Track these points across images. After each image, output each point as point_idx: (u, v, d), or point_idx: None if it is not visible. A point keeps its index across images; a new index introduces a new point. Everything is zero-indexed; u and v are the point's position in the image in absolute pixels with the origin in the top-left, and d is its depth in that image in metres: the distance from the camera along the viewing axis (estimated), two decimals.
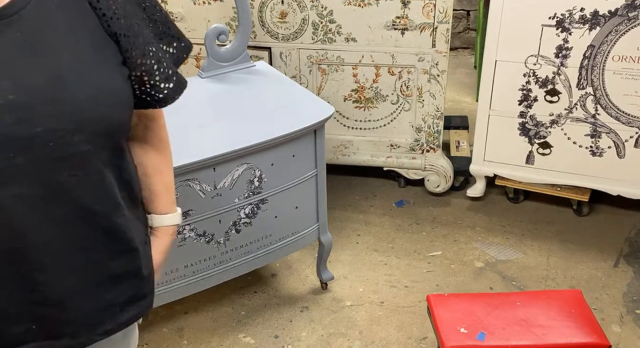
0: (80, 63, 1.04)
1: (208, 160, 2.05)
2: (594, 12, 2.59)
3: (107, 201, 1.11)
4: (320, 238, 2.49)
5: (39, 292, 1.08)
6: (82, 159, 1.05)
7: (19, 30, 0.99)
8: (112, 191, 1.12)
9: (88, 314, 1.14)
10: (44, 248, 1.05)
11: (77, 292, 1.12)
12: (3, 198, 1.00)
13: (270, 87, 2.47)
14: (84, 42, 1.05)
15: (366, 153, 3.12)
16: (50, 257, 1.06)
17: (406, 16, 2.79)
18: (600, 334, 1.89)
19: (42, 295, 1.08)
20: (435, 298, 2.04)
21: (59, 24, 1.03)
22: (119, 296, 1.18)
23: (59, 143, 1.01)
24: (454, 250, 2.85)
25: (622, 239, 2.89)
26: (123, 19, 1.10)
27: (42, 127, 0.99)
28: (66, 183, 1.04)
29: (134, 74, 1.14)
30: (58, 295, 1.10)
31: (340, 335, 2.42)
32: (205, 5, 2.90)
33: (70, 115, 1.01)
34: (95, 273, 1.13)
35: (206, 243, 2.19)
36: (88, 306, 1.14)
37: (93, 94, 1.03)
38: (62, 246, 1.07)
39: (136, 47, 1.12)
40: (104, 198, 1.10)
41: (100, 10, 1.07)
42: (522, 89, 2.82)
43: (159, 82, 1.19)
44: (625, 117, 2.73)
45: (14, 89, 0.97)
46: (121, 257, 1.16)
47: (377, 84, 2.96)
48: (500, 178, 3.06)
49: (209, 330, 2.45)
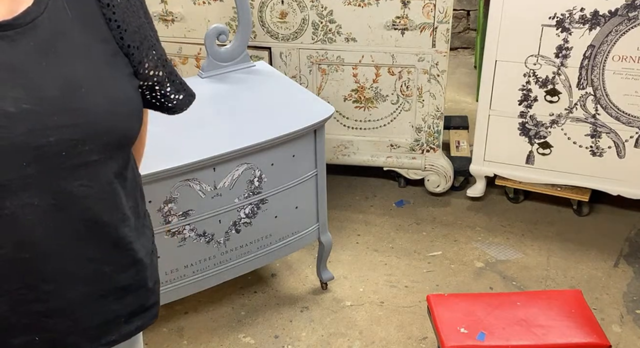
0: (94, 74, 1.04)
1: (208, 160, 2.05)
2: (594, 12, 2.59)
3: (115, 212, 1.11)
4: (320, 238, 2.49)
5: (44, 302, 1.07)
6: (93, 169, 1.05)
7: (33, 40, 0.99)
8: (120, 202, 1.12)
9: (92, 326, 1.14)
10: (52, 258, 1.05)
11: (83, 303, 1.11)
12: (13, 208, 0.99)
13: (270, 87, 2.47)
14: (98, 53, 1.05)
15: (366, 153, 3.12)
16: (57, 268, 1.06)
17: (406, 16, 2.79)
18: (600, 334, 1.89)
19: (47, 306, 1.07)
20: (435, 298, 2.04)
21: (74, 33, 1.03)
22: (124, 308, 1.17)
23: (71, 153, 1.01)
24: (454, 250, 2.85)
25: (622, 239, 2.89)
26: (137, 30, 1.10)
27: (54, 137, 0.99)
28: (77, 194, 1.04)
29: (145, 84, 1.15)
30: (63, 306, 1.09)
31: (340, 335, 2.42)
32: (205, 5, 2.90)
33: (84, 126, 1.01)
34: (102, 285, 1.13)
35: (206, 243, 2.19)
36: (93, 318, 1.13)
37: (107, 105, 1.03)
38: (70, 257, 1.07)
39: (149, 60, 1.13)
40: (112, 209, 1.10)
41: (115, 22, 1.07)
42: (522, 89, 2.82)
43: (169, 93, 1.21)
44: (626, 117, 2.73)
45: (28, 99, 0.97)
46: (128, 270, 1.16)
47: (377, 84, 2.96)
48: (500, 178, 3.06)
49: (209, 330, 2.45)
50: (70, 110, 1.00)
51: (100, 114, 1.02)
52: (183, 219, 2.10)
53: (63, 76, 1.00)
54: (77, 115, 1.00)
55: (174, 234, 2.11)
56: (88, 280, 1.10)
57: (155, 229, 2.04)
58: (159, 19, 2.96)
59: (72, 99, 1.00)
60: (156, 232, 2.06)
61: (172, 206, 2.06)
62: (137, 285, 1.18)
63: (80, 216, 1.06)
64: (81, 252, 1.08)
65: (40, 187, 1.00)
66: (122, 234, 1.13)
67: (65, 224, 1.04)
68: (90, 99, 1.01)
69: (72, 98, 1.00)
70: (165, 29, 2.97)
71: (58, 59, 1.01)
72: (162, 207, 2.04)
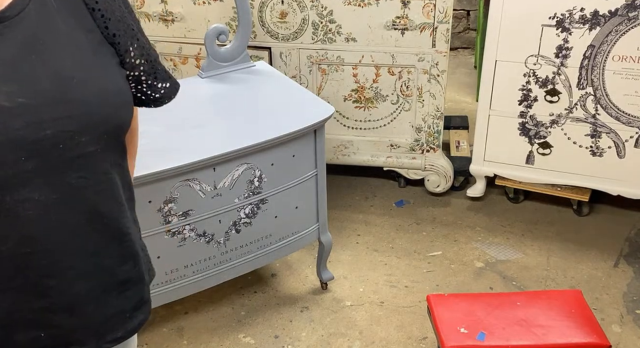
0: (84, 65, 1.04)
1: (208, 160, 2.05)
2: (594, 12, 2.59)
3: (114, 203, 1.11)
4: (320, 238, 2.49)
5: (48, 298, 1.07)
6: (90, 160, 1.05)
7: (21, 33, 0.99)
8: (118, 192, 1.12)
9: (98, 321, 1.14)
10: (54, 253, 1.05)
11: (87, 298, 1.11)
12: (13, 203, 0.99)
13: (270, 87, 2.47)
14: (85, 43, 1.05)
15: (366, 153, 3.12)
16: (60, 262, 1.06)
17: (406, 16, 2.79)
18: (600, 334, 1.89)
19: (51, 302, 1.07)
20: (435, 298, 2.04)
21: (59, 24, 1.03)
22: (127, 302, 1.17)
23: (68, 145, 1.01)
24: (454, 250, 2.85)
25: (622, 239, 2.89)
26: (120, 20, 1.10)
27: (51, 129, 0.99)
28: (76, 186, 1.04)
29: (131, 74, 1.14)
30: (67, 301, 1.09)
31: (340, 335, 2.42)
32: (205, 5, 2.90)
33: (78, 117, 1.01)
34: (104, 278, 1.13)
35: (206, 243, 2.19)
36: (98, 313, 1.13)
37: (100, 95, 1.03)
38: (72, 251, 1.07)
39: (134, 48, 1.13)
40: (111, 200, 1.10)
41: (99, 12, 1.07)
42: (522, 89, 2.82)
43: (156, 82, 1.20)
44: (626, 117, 2.73)
45: (22, 92, 0.97)
46: (127, 262, 1.16)
47: (377, 84, 2.96)
48: (500, 178, 3.06)
49: (209, 330, 2.45)
50: (64, 102, 1.00)
51: (93, 104, 1.02)
52: (183, 219, 2.10)
53: (54, 68, 1.00)
54: (71, 107, 1.00)
55: (174, 234, 2.11)
56: (90, 274, 1.10)
57: (155, 229, 2.06)
58: (159, 19, 2.96)
59: (65, 91, 1.00)
60: (156, 232, 2.07)
61: (172, 206, 2.06)
62: (136, 278, 1.19)
63: (80, 208, 1.06)
64: (82, 246, 1.08)
65: (39, 181, 1.00)
66: (121, 225, 1.13)
67: (66, 217, 1.04)
68: (82, 89, 1.01)
69: (65, 90, 1.00)
70: (165, 29, 2.97)
71: (47, 51, 1.00)
72: (162, 207, 2.04)
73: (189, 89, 2.47)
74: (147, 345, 2.38)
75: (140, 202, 1.98)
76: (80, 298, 1.10)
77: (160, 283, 2.15)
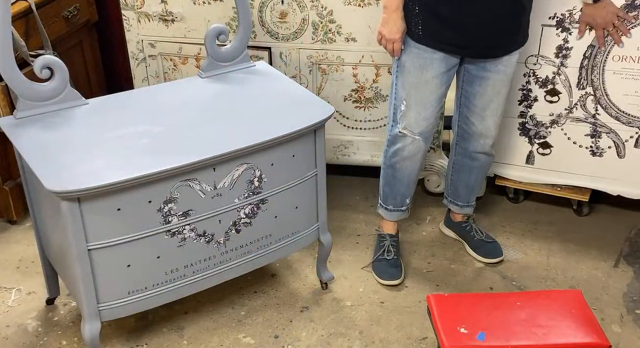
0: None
1: (208, 160, 2.05)
2: None
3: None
4: (320, 238, 2.49)
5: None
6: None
7: None
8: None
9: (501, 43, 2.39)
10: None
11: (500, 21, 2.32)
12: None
13: (271, 87, 2.47)
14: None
15: (366, 153, 3.12)
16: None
17: None
18: (600, 334, 1.89)
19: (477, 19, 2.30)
20: (435, 298, 2.04)
21: None
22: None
23: None
24: (454, 250, 2.85)
25: (622, 239, 2.90)
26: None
27: None
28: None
29: None
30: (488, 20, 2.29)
31: (340, 335, 2.42)
32: (205, 5, 2.90)
33: None
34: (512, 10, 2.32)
35: (206, 243, 2.19)
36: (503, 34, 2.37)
37: None
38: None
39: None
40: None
41: None
42: (522, 89, 2.82)
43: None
44: (626, 117, 2.73)
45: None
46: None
47: (377, 84, 2.96)
48: (500, 178, 3.06)
49: (209, 330, 2.45)
50: None
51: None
52: (183, 219, 2.10)
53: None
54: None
55: (174, 234, 2.11)
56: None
57: (155, 229, 2.07)
58: (159, 19, 2.96)
59: None
60: (156, 232, 2.07)
61: (172, 206, 2.06)
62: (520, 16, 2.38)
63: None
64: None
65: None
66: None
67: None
68: None
69: None
70: (165, 29, 2.97)
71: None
72: (162, 207, 2.04)
73: (189, 89, 2.48)
74: (147, 345, 2.38)
75: (140, 202, 1.99)
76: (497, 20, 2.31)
77: (160, 283, 2.15)
